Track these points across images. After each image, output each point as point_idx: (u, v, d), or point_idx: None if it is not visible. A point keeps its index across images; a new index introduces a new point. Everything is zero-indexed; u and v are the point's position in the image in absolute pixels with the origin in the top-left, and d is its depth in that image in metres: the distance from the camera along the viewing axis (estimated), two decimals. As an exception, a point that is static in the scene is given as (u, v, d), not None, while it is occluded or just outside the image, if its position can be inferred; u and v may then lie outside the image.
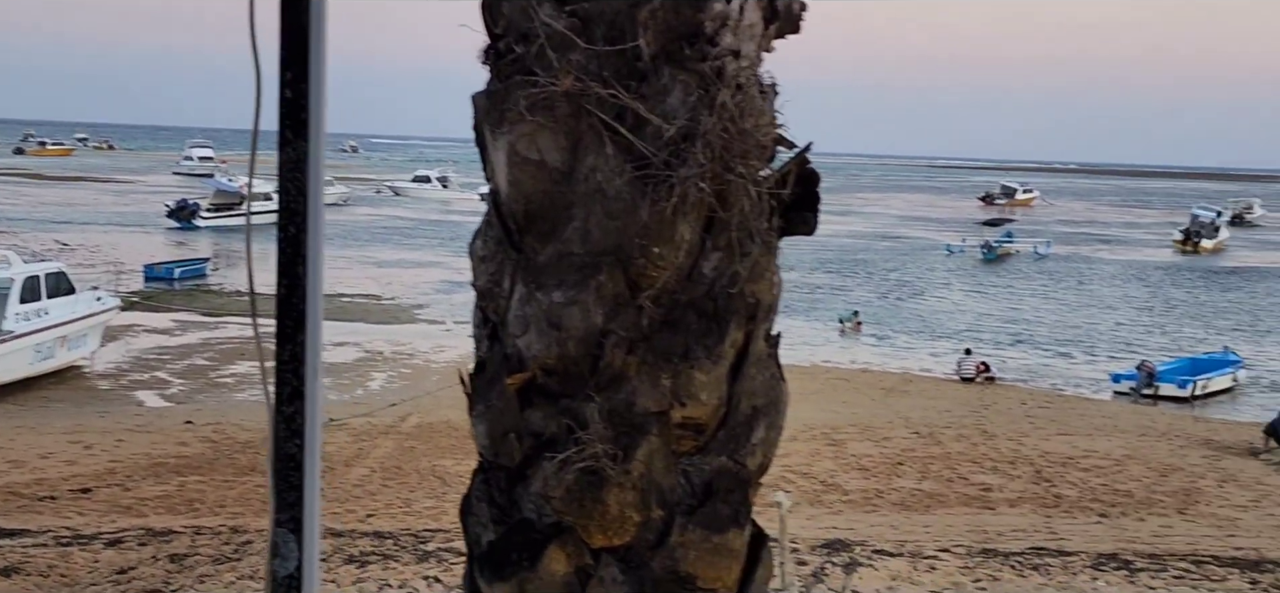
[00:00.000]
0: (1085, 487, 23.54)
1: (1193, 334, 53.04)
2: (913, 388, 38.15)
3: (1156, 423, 33.22)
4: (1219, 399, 39.58)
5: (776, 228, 4.07)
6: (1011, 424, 31.04)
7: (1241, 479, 25.02)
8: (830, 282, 69.00)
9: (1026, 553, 14.83)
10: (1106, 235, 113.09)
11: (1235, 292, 70.23)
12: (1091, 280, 74.54)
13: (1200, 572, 14.10)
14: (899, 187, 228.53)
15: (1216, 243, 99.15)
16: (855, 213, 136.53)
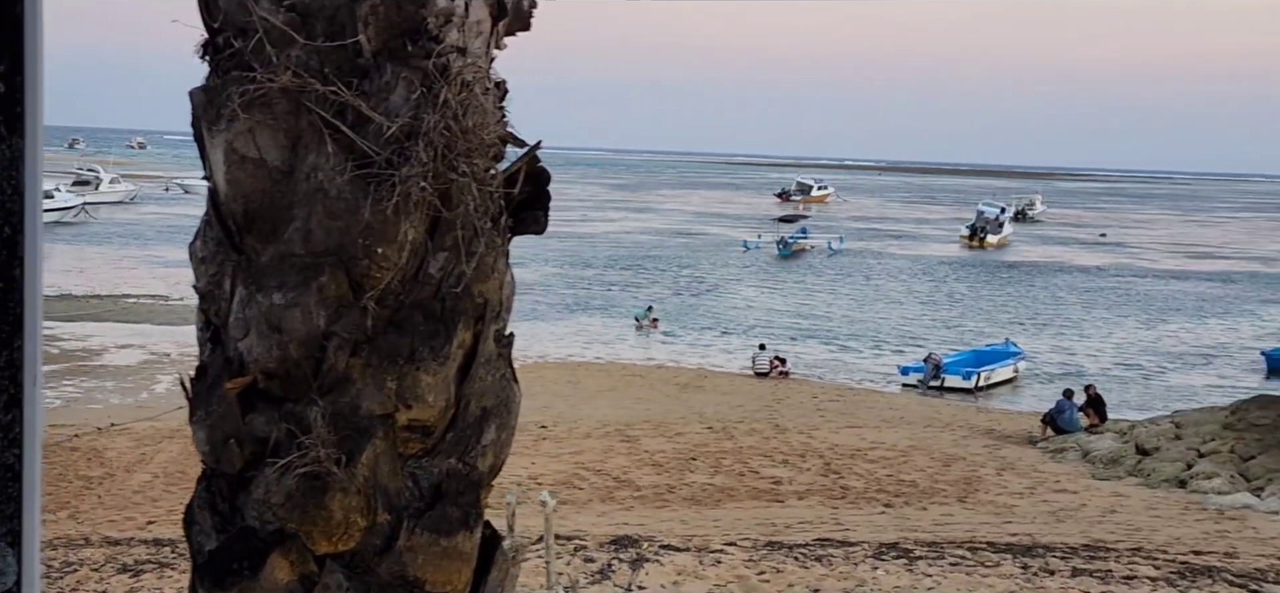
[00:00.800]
0: (872, 478, 24.08)
1: (977, 327, 54.75)
2: (708, 384, 38.57)
3: (941, 414, 34.18)
4: (1001, 390, 40.92)
5: (507, 227, 4.03)
6: (803, 418, 31.61)
7: (1019, 467, 25.89)
8: (627, 279, 69.46)
9: (812, 545, 15.09)
10: (897, 232, 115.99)
11: (1017, 286, 72.72)
12: (882, 276, 76.41)
13: (975, 558, 14.52)
14: (697, 183, 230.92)
15: (1001, 238, 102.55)
16: (653, 210, 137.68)
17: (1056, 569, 14.00)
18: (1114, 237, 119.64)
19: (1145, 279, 79.12)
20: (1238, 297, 70.93)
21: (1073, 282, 75.64)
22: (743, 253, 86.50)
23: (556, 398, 33.96)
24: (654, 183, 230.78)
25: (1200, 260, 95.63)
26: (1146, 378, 44.10)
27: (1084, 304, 64.79)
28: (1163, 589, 13.19)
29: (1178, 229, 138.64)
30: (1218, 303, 67.59)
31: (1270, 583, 13.89)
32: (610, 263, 77.34)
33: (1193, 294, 71.23)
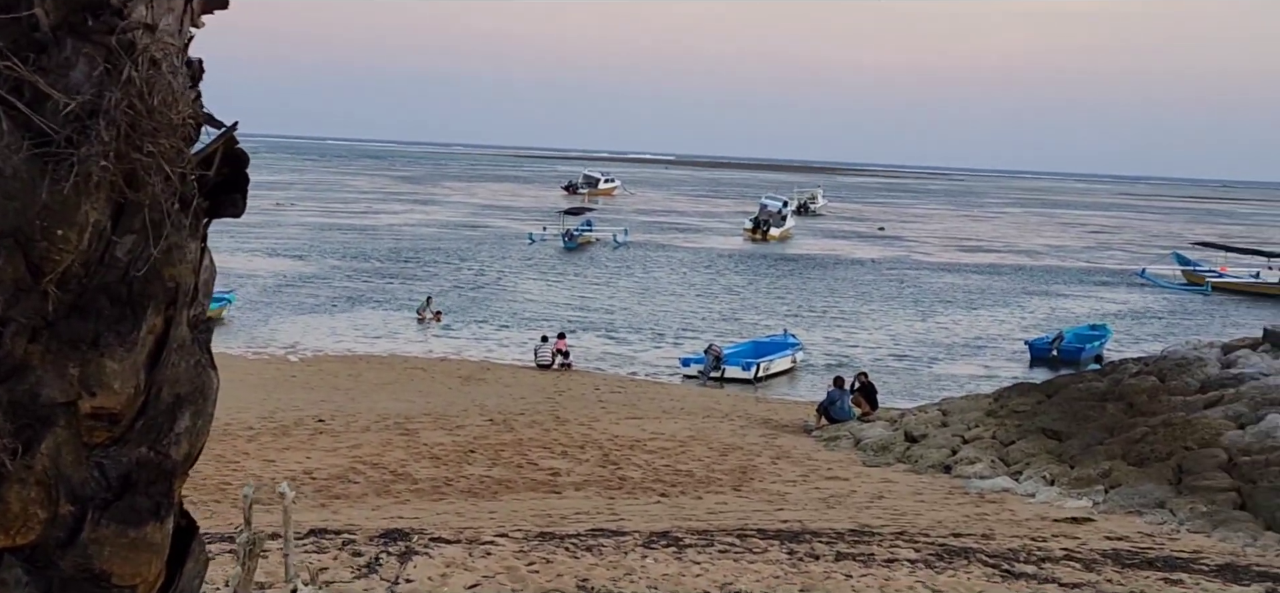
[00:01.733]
0: (650, 468, 24.29)
1: (757, 319, 55.71)
2: (490, 376, 38.45)
3: (721, 405, 34.68)
4: (779, 380, 41.72)
5: (203, 210, 3.91)
6: (584, 409, 31.71)
7: (794, 456, 26.41)
8: (410, 272, 68.82)
9: (584, 535, 15.15)
10: (683, 225, 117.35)
11: (797, 278, 74.23)
12: (666, 268, 77.20)
13: (744, 545, 14.75)
14: (484, 176, 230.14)
15: (783, 231, 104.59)
16: (438, 203, 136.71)
17: (821, 554, 14.31)
18: (892, 230, 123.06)
19: (920, 272, 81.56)
20: (1005, 289, 73.63)
21: (851, 274, 77.56)
22: (528, 245, 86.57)
23: (335, 392, 33.47)
24: (440, 175, 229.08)
25: (972, 254, 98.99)
26: (918, 367, 45.43)
27: (861, 296, 66.48)
28: (921, 571, 13.59)
29: (952, 224, 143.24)
30: (986, 295, 70.06)
31: (1021, 563, 14.43)
32: (393, 256, 76.55)
33: (964, 286, 73.70)
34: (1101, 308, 64.71)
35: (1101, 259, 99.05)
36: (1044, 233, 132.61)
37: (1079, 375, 31.74)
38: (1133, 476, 22.10)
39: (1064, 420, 26.57)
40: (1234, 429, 23.05)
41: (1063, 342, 47.76)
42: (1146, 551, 16.29)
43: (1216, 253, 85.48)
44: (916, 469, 25.15)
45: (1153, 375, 28.05)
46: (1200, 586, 13.58)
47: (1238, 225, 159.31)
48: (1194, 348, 30.62)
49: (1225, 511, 19.67)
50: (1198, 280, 76.32)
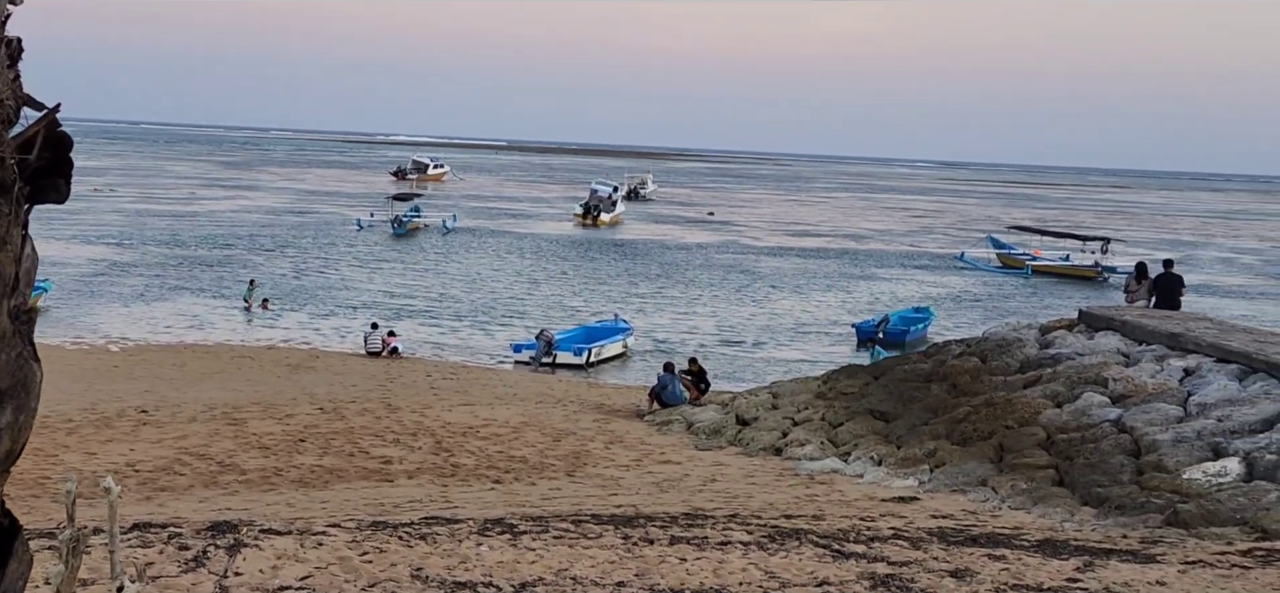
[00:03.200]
0: (483, 455, 24.16)
1: (589, 304, 55.83)
2: (320, 364, 37.90)
3: (554, 390, 34.67)
4: (611, 365, 41.88)
5: (23, 196, 3.75)
6: (416, 396, 31.42)
7: (627, 440, 26.50)
8: (238, 258, 67.47)
9: (418, 523, 14.98)
10: (514, 210, 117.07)
11: (629, 263, 74.56)
12: (497, 253, 76.92)
13: (579, 531, 14.74)
14: (312, 162, 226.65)
15: (614, 217, 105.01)
16: (264, 188, 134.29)
17: (656, 538, 14.37)
18: (721, 215, 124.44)
19: (749, 256, 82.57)
20: (832, 272, 74.95)
21: (681, 259, 78.16)
22: (356, 232, 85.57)
23: (160, 382, 32.64)
24: (265, 160, 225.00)
25: (800, 238, 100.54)
26: (748, 351, 45.99)
27: (691, 281, 67.04)
28: (754, 553, 13.73)
29: (781, 208, 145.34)
30: (814, 278, 71.22)
31: (851, 542, 14.68)
32: (218, 243, 74.93)
33: (792, 270, 74.80)
34: (924, 291, 66.23)
35: (924, 243, 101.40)
36: (869, 217, 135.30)
37: (905, 357, 32.42)
38: (957, 455, 22.63)
39: (891, 402, 27.11)
40: (1052, 408, 23.76)
41: (888, 324, 48.78)
42: (970, 528, 16.69)
43: (1032, 236, 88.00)
44: (748, 452, 25.42)
45: (975, 357, 28.76)
46: (1021, 560, 13.95)
47: (1052, 210, 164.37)
48: (1013, 329, 31.47)
49: (1044, 487, 20.25)
50: (1014, 264, 78.54)
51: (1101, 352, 26.73)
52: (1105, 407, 23.11)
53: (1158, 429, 21.39)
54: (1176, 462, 19.89)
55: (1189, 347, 25.67)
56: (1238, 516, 17.39)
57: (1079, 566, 13.74)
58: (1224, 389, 22.85)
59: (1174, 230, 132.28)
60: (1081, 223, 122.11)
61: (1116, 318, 29.06)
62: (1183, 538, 16.21)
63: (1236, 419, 20.99)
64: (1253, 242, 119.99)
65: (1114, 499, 18.96)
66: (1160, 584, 12.98)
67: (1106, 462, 20.63)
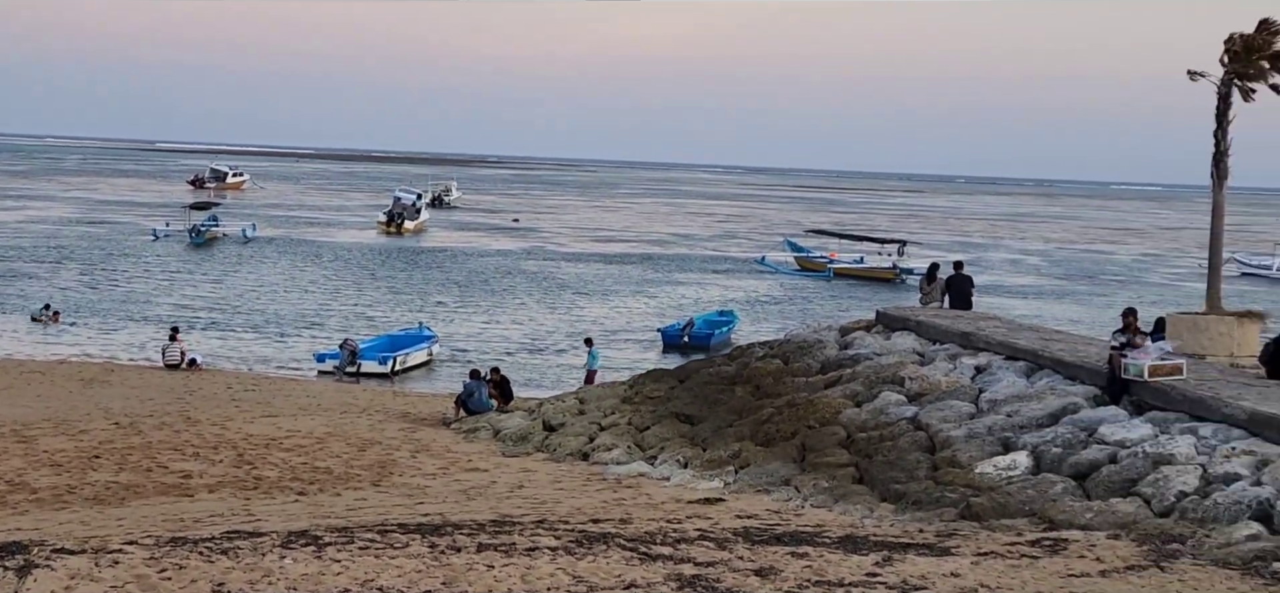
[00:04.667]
0: (287, 467, 23.77)
1: (393, 312, 55.31)
2: (115, 378, 36.84)
3: (359, 399, 34.28)
4: (417, 373, 41.58)
5: None
6: (217, 409, 30.77)
7: (433, 449, 26.33)
8: (28, 271, 65.12)
9: (219, 538, 14.66)
10: (315, 218, 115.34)
11: (433, 270, 74.07)
12: (299, 262, 75.71)
13: (385, 541, 14.59)
14: (106, 171, 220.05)
15: (418, 224, 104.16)
16: (55, 198, 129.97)
17: (463, 546, 14.32)
18: (527, 222, 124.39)
19: (555, 262, 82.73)
20: (638, 277, 75.53)
21: (487, 266, 77.93)
22: (152, 242, 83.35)
23: (-62, 402, 31.32)
24: (56, 169, 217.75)
25: (605, 244, 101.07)
26: (555, 357, 46.06)
27: (497, 288, 66.90)
28: (561, 558, 13.78)
29: (586, 214, 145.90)
30: (620, 284, 71.68)
31: (658, 544, 14.83)
32: (5, 255, 72.14)
33: (598, 276, 75.17)
34: (728, 294, 67.16)
35: (727, 247, 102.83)
36: (673, 222, 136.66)
37: (710, 360, 32.84)
38: (761, 455, 23.01)
39: (696, 405, 27.44)
40: (852, 407, 24.33)
41: (694, 328, 49.35)
42: (774, 527, 16.99)
43: (830, 240, 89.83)
44: (555, 458, 25.48)
45: (777, 359, 29.30)
46: (823, 557, 14.27)
47: (850, 213, 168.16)
48: (814, 331, 32.18)
49: (845, 485, 20.73)
50: (813, 267, 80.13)
51: (898, 351, 27.47)
52: (902, 405, 23.76)
53: (951, 426, 22.07)
54: (969, 457, 20.56)
55: (980, 345, 26.56)
56: (1026, 507, 18.05)
57: (878, 560, 14.11)
58: (1013, 386, 23.70)
59: (965, 233, 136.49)
60: (878, 226, 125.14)
61: (912, 318, 29.91)
62: (976, 530, 16.75)
63: (1025, 414, 21.78)
64: (1038, 243, 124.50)
65: (911, 495, 19.51)
66: (954, 576, 13.40)
67: (904, 459, 21.21)
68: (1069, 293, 75.78)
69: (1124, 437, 19.68)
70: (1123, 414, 20.84)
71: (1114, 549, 14.79)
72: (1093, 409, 21.36)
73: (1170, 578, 13.40)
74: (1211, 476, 17.69)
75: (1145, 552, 14.74)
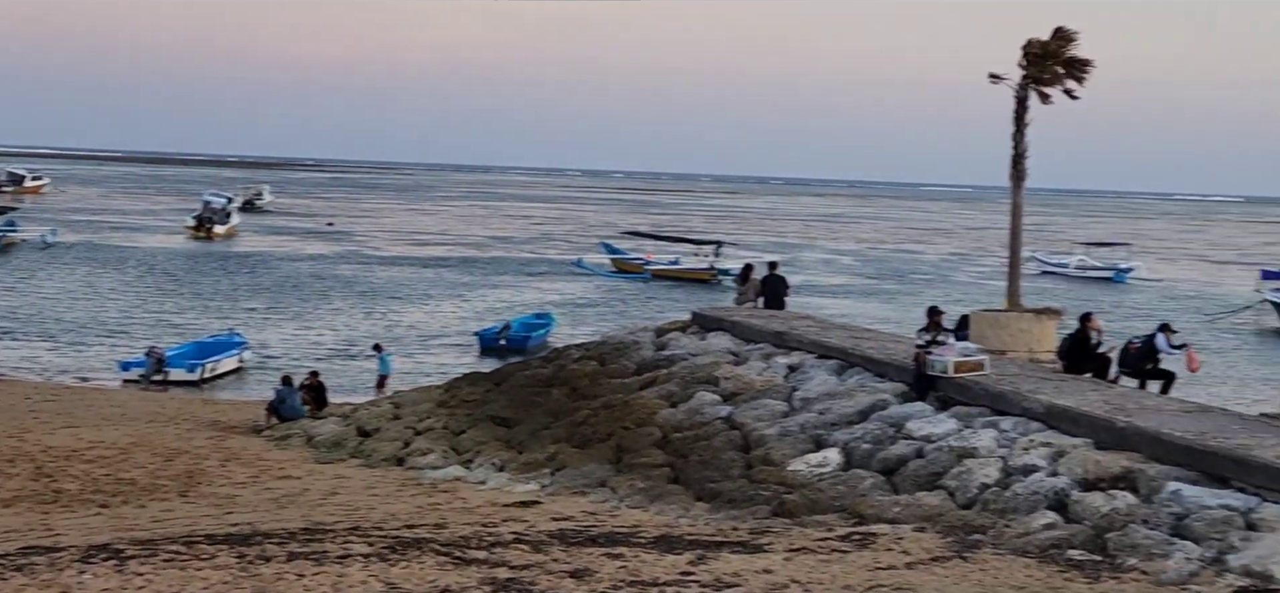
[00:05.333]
0: (89, 479, 23.02)
1: (202, 318, 54.03)
2: (-104, 391, 35.25)
3: (166, 408, 33.40)
4: (227, 381, 40.67)
5: None
6: (13, 420, 29.62)
7: (244, 457, 25.80)
8: None
9: (14, 555, 14.12)
10: (121, 223, 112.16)
11: (245, 275, 72.56)
12: (103, 268, 73.52)
13: (191, 552, 14.21)
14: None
15: (229, 228, 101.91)
16: None
17: (273, 555, 14.02)
18: (341, 225, 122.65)
19: (370, 266, 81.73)
20: (454, 281, 75.04)
21: (301, 270, 76.64)
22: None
23: None
24: None
25: (422, 247, 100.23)
26: (370, 362, 45.45)
27: (311, 292, 65.83)
28: (374, 564, 13.58)
29: (402, 218, 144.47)
30: (436, 287, 71.14)
31: (473, 549, 14.72)
32: None
33: (414, 280, 74.47)
34: (546, 297, 67.11)
35: (544, 249, 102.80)
36: (490, 225, 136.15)
37: (526, 363, 32.76)
38: (577, 457, 23.02)
39: (512, 408, 27.36)
40: (667, 408, 24.50)
41: (510, 331, 49.21)
42: (590, 528, 17.00)
43: (646, 241, 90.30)
44: (370, 463, 25.17)
45: (594, 360, 29.38)
46: (638, 557, 14.32)
47: (667, 215, 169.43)
48: (630, 333, 32.36)
49: (661, 485, 20.86)
50: (630, 268, 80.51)
51: (713, 352, 27.76)
52: (717, 405, 24.01)
53: (765, 425, 22.37)
54: (782, 455, 20.87)
55: (793, 344, 26.99)
56: (837, 503, 18.38)
57: (692, 559, 14.21)
58: (825, 384, 24.13)
59: (780, 234, 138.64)
60: (694, 228, 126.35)
61: (727, 319, 30.26)
62: (788, 527, 16.98)
63: (836, 412, 22.19)
64: (851, 243, 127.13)
65: (726, 494, 19.71)
66: (767, 572, 13.57)
67: (718, 458, 21.43)
68: (880, 292, 77.51)
69: (930, 432, 20.19)
70: (928, 410, 21.37)
71: (919, 542, 15.13)
72: (900, 406, 21.87)
73: (971, 568, 13.77)
74: (1011, 468, 18.25)
75: (949, 543, 15.11)
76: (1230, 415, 20.76)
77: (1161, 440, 17.70)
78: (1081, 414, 19.35)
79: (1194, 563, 13.79)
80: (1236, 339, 59.45)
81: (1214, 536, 14.76)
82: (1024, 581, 13.27)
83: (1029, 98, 28.33)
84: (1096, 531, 15.58)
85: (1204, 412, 20.62)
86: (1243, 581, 13.12)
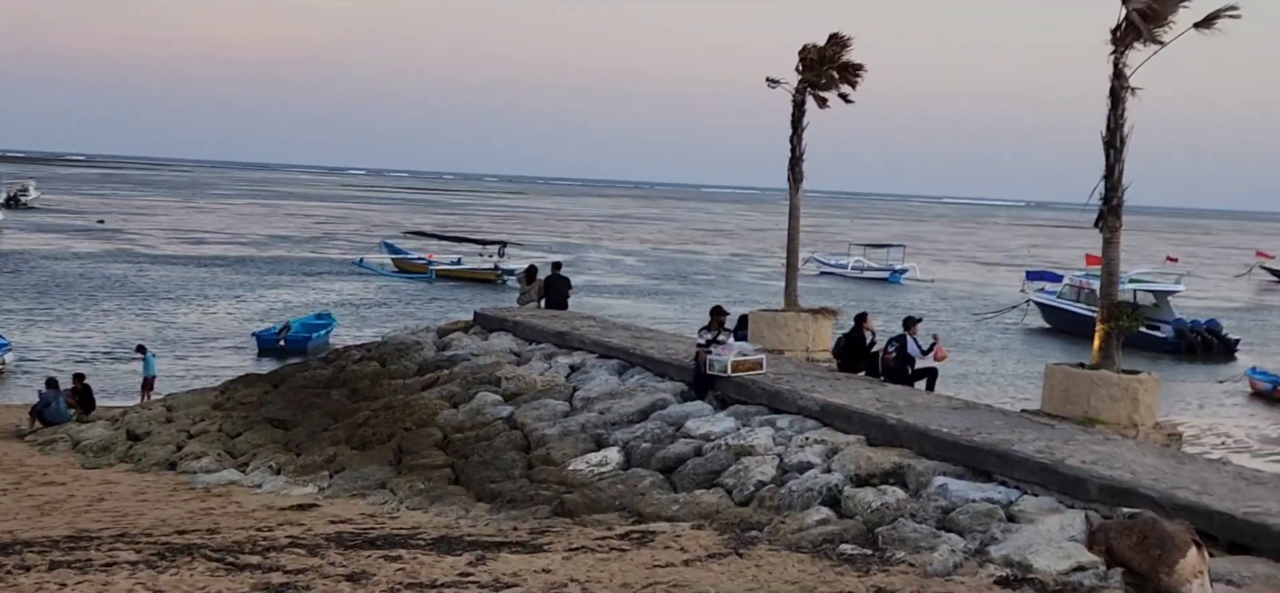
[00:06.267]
0: None
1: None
2: None
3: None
4: (-12, 383, 38.99)
5: None
6: None
7: (4, 463, 24.80)
8: None
9: None
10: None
11: (7, 274, 69.59)
12: None
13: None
14: None
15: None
16: None
17: (34, 564, 13.50)
18: (113, 223, 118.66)
19: (145, 266, 79.22)
20: (232, 281, 73.22)
21: (69, 269, 73.87)
22: None
23: None
24: None
25: (199, 246, 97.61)
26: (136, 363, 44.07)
27: (79, 292, 63.48)
28: (142, 572, 13.18)
29: (178, 216, 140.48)
30: (214, 287, 69.32)
31: (247, 554, 14.41)
32: None
33: (190, 279, 72.44)
34: (327, 297, 66.02)
35: (326, 249, 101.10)
36: (271, 224, 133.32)
37: (305, 364, 32.21)
38: (357, 459, 22.73)
39: (291, 409, 26.87)
40: (449, 408, 24.36)
41: (290, 332, 48.28)
42: (369, 530, 16.80)
43: (429, 241, 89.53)
44: (140, 468, 24.44)
45: (375, 361, 29.04)
46: (417, 559, 14.19)
47: (452, 215, 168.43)
48: (412, 333, 32.06)
49: (441, 486, 20.73)
50: (412, 268, 79.71)
51: (495, 352, 27.70)
52: (499, 405, 23.97)
53: (546, 424, 22.41)
54: (563, 454, 20.93)
55: (574, 344, 27.10)
56: (617, 501, 18.51)
57: (472, 560, 14.15)
58: (606, 383, 24.29)
59: (566, 234, 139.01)
60: (480, 228, 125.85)
61: (509, 319, 30.23)
62: (568, 526, 17.04)
63: (616, 411, 22.36)
64: (635, 244, 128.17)
65: (506, 494, 19.69)
66: (546, 572, 13.58)
67: (499, 458, 21.39)
68: (662, 292, 78.29)
69: (708, 430, 20.49)
70: (708, 409, 21.69)
71: (697, 539, 15.34)
72: (680, 405, 22.15)
73: (747, 564, 14.00)
74: (787, 465, 18.65)
75: (726, 540, 15.35)
76: (994, 412, 21.58)
77: (929, 437, 18.30)
78: (854, 412, 19.88)
79: (958, 555, 14.25)
80: (1003, 338, 61.76)
81: (977, 528, 15.32)
82: (798, 575, 13.54)
83: (806, 102, 28.99)
84: (868, 525, 16.02)
85: (970, 408, 21.37)
86: (1003, 570, 13.61)
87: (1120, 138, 21.76)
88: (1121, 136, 21.75)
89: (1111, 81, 21.70)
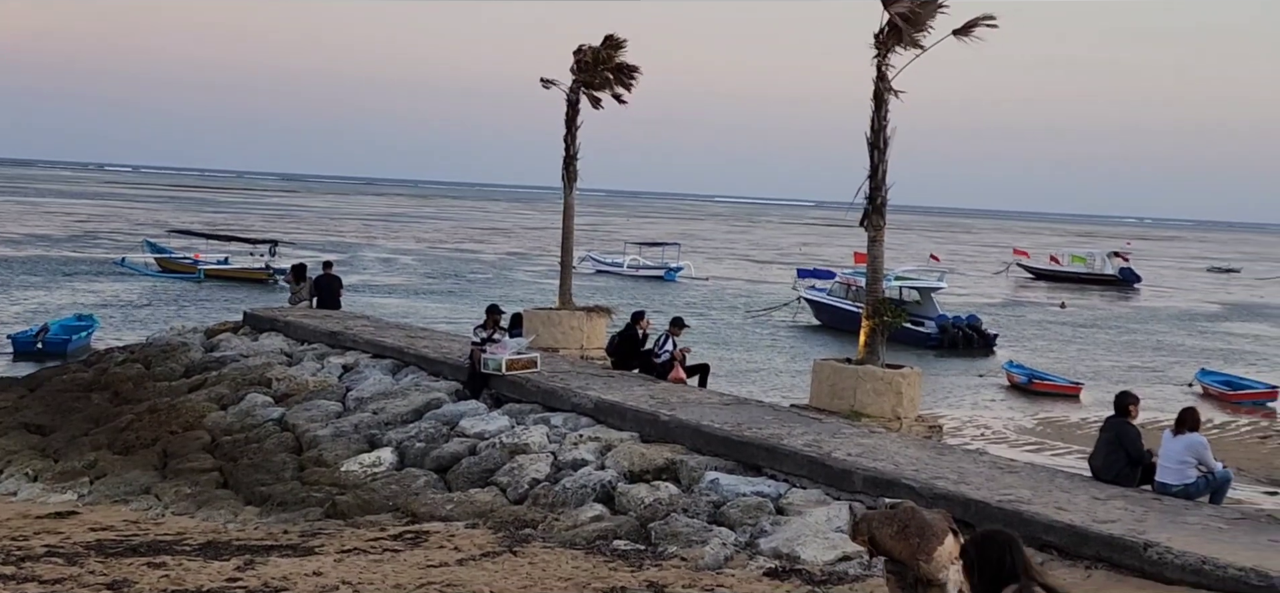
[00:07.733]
0: None
1: None
2: None
3: None
4: None
5: None
6: None
7: None
8: None
9: None
10: None
11: None
12: None
13: None
14: None
15: None
16: None
17: None
18: None
19: (-112, 265, 75.22)
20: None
21: None
22: None
23: None
24: None
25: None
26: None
27: None
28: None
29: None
30: (-35, 288, 66.25)
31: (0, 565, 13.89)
32: None
33: (-61, 279, 69.11)
34: (88, 298, 63.73)
35: (88, 248, 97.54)
36: (27, 222, 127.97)
37: (64, 367, 31.08)
38: (119, 464, 22.03)
39: (49, 414, 25.89)
40: (217, 411, 23.82)
41: (48, 334, 46.46)
42: (131, 537, 16.31)
43: (196, 240, 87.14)
44: (-118, 479, 23.20)
45: (139, 363, 28.21)
46: (182, 565, 13.85)
47: (222, 213, 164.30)
48: (179, 334, 31.23)
49: (209, 490, 20.23)
50: (177, 268, 77.45)
51: (265, 352, 27.20)
52: (269, 406, 23.54)
53: (318, 425, 22.10)
54: (335, 456, 20.67)
55: (348, 344, 26.79)
56: (391, 502, 18.37)
57: (240, 564, 13.88)
58: (380, 383, 24.07)
59: (340, 233, 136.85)
60: (252, 226, 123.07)
61: (280, 319, 29.71)
62: (341, 528, 16.83)
63: (390, 411, 22.18)
64: (410, 242, 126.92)
65: (277, 496, 19.34)
66: (318, 575, 13.40)
67: (270, 461, 21.01)
68: (437, 291, 77.73)
69: (483, 429, 20.49)
70: (482, 407, 21.69)
71: (471, 538, 15.32)
72: (454, 404, 22.09)
73: (521, 561, 14.05)
74: (561, 462, 18.76)
75: (500, 538, 15.37)
76: (764, 407, 22.08)
77: (701, 432, 18.63)
78: (628, 409, 20.11)
79: (729, 548, 14.55)
80: (774, 335, 63.05)
81: (748, 521, 15.66)
82: (571, 572, 13.65)
83: (580, 102, 29.20)
84: (641, 521, 16.23)
85: (741, 404, 21.82)
86: (772, 562, 13.95)
87: (883, 138, 22.49)
88: (885, 137, 22.49)
89: (875, 83, 22.41)
